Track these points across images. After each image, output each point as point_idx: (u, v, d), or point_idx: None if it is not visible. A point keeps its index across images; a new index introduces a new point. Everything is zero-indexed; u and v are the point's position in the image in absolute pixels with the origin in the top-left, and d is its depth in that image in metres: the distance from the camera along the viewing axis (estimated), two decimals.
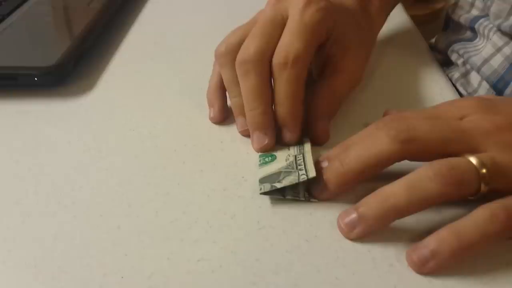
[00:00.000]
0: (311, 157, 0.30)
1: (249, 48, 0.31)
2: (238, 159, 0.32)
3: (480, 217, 0.24)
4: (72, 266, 0.25)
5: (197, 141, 0.33)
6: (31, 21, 0.46)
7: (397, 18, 0.51)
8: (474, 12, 0.43)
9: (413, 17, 0.51)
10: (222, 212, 0.28)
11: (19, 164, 0.32)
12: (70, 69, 0.40)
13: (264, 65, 0.31)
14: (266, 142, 0.31)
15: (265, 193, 0.28)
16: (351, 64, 0.35)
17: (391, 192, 0.25)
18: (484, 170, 0.25)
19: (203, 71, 0.38)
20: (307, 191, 0.29)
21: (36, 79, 0.38)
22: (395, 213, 0.25)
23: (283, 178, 0.28)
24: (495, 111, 0.27)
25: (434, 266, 0.24)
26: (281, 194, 0.28)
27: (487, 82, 0.40)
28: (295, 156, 0.30)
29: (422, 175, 0.25)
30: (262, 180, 0.29)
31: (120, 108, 0.37)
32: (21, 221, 0.27)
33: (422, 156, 0.26)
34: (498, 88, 0.38)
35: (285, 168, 0.29)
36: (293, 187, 0.29)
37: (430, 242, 0.24)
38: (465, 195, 0.25)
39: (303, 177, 0.28)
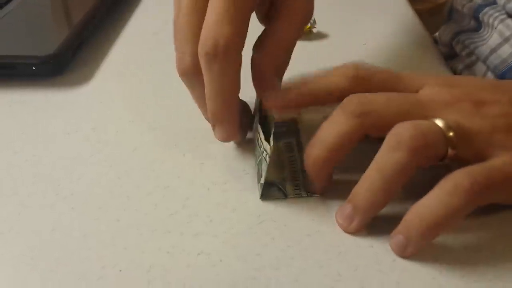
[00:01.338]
0: (260, 128, 0.28)
1: (185, 55, 0.27)
2: (239, 152, 0.31)
3: (443, 190, 0.23)
4: (70, 258, 0.24)
5: (198, 133, 0.33)
6: (30, 9, 0.46)
7: (401, 12, 0.50)
8: (478, 0, 0.43)
9: (415, 11, 0.51)
10: (223, 205, 0.27)
11: (17, 154, 0.31)
12: (68, 58, 0.39)
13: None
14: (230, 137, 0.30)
15: (263, 196, 0.28)
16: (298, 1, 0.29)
17: (368, 179, 0.25)
18: (451, 133, 0.24)
19: None
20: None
21: (34, 68, 0.37)
22: (381, 198, 0.25)
23: (261, 170, 0.28)
24: (452, 84, 0.27)
25: (411, 250, 0.24)
26: (283, 195, 0.28)
27: (494, 72, 0.39)
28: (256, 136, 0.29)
29: (386, 147, 0.24)
30: (258, 182, 0.28)
31: (119, 98, 0.37)
32: (18, 212, 0.27)
33: (381, 129, 0.25)
34: (507, 78, 0.38)
35: (258, 158, 0.29)
36: (294, 185, 0.28)
37: (400, 229, 0.24)
38: (433, 157, 0.25)
39: (267, 158, 0.27)
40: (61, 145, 0.32)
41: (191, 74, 0.27)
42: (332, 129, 0.26)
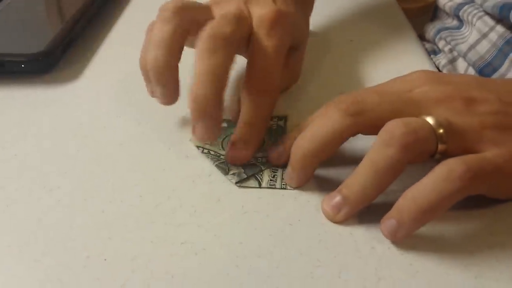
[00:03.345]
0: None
1: (225, 27, 0.29)
2: None
3: (437, 175, 0.24)
4: (55, 249, 0.25)
5: (184, 127, 0.33)
6: (20, 7, 0.46)
7: (387, 9, 0.51)
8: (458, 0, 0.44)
9: (406, 10, 0.52)
10: (207, 196, 0.28)
11: (5, 149, 0.32)
12: (58, 55, 0.40)
13: (234, 49, 0.29)
14: (214, 133, 0.29)
15: (238, 183, 0.28)
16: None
17: (361, 172, 0.25)
18: (441, 130, 0.25)
19: (190, 58, 0.38)
20: (284, 179, 0.29)
21: (23, 65, 0.38)
22: (372, 191, 0.25)
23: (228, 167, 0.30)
24: (444, 82, 0.28)
25: (403, 234, 0.24)
26: (258, 184, 0.28)
27: (473, 68, 0.40)
28: None
29: (379, 142, 0.25)
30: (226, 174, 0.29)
31: (108, 95, 0.37)
32: (6, 204, 0.27)
33: (374, 128, 0.26)
34: (485, 74, 0.39)
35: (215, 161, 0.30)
36: (271, 176, 0.29)
37: (394, 211, 0.24)
38: (424, 153, 0.25)
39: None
40: (49, 140, 0.32)
41: (225, 39, 0.29)
42: (325, 125, 0.27)
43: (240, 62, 0.33)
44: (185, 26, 0.30)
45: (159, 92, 0.30)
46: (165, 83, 0.30)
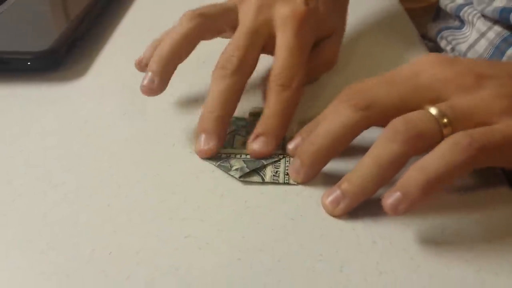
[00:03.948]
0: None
1: (236, 53, 0.31)
2: None
3: (443, 147, 0.24)
4: (61, 242, 0.25)
5: (187, 124, 0.34)
6: (26, 5, 0.47)
7: (390, 8, 0.51)
8: (459, 1, 0.44)
9: (409, 10, 0.52)
10: (211, 192, 0.28)
11: (11, 146, 0.32)
12: (63, 53, 0.40)
13: (244, 75, 0.32)
14: (210, 146, 0.30)
15: (241, 178, 0.29)
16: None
17: (363, 166, 0.26)
18: (445, 120, 0.25)
19: (196, 56, 0.38)
20: (287, 175, 0.29)
21: (29, 63, 0.38)
22: (373, 184, 0.25)
23: (229, 163, 0.30)
24: (454, 63, 0.28)
25: (406, 206, 0.23)
26: (261, 179, 0.29)
27: None
28: None
29: (382, 139, 0.25)
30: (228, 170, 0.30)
31: (113, 92, 0.38)
32: (12, 199, 0.28)
33: (386, 120, 0.26)
34: None
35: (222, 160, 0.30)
36: (274, 172, 0.29)
37: (399, 185, 0.24)
38: (432, 145, 0.25)
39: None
40: (54, 137, 0.33)
41: (230, 70, 0.31)
42: (337, 120, 0.27)
43: (264, 60, 0.34)
44: (201, 33, 0.33)
45: (148, 77, 0.32)
46: (158, 70, 0.32)
